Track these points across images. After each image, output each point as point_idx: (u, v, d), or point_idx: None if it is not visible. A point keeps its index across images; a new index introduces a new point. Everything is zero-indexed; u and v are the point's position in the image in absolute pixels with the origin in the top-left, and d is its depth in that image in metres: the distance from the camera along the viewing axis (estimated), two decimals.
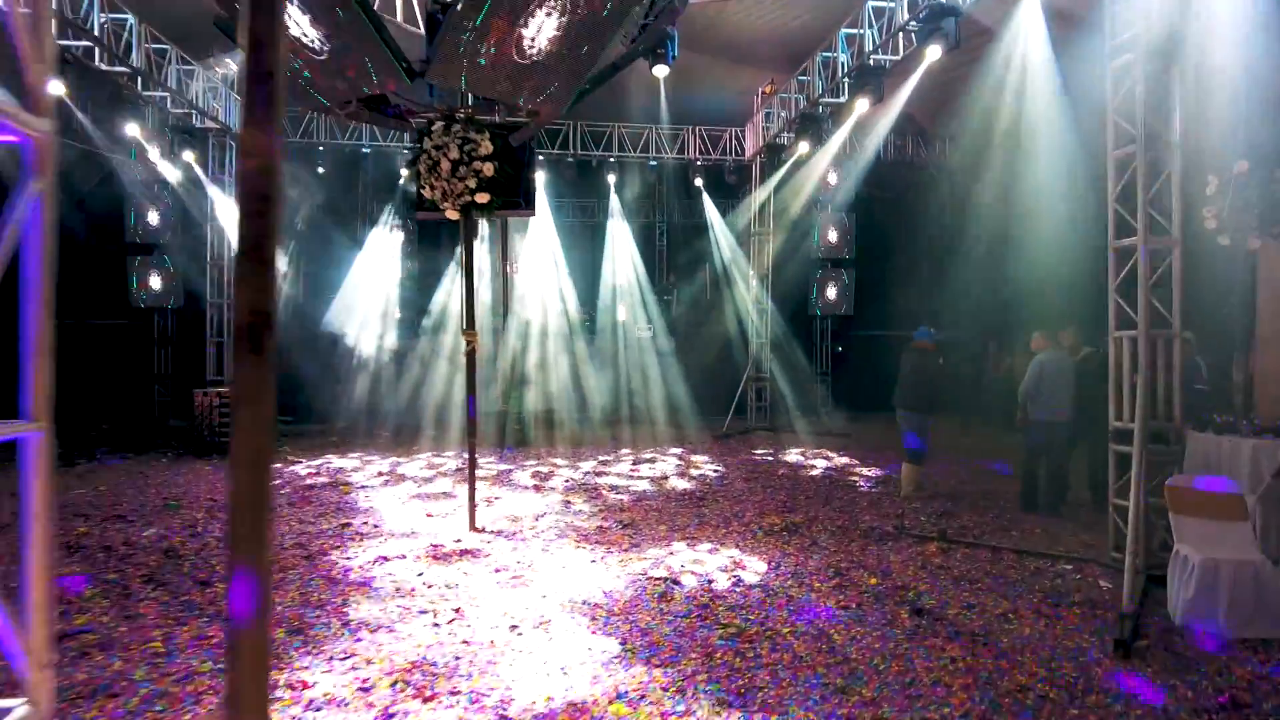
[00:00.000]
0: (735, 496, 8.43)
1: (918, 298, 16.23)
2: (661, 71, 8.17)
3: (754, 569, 5.75)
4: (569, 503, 8.10)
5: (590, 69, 4.67)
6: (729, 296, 16.13)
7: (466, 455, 7.21)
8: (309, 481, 9.26)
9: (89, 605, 4.87)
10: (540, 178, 15.51)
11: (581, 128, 15.02)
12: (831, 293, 15.65)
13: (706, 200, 16.36)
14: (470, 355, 6.99)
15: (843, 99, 11.56)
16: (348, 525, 7.08)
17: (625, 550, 6.24)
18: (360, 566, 5.76)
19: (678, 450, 11.74)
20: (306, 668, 3.95)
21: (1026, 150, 11.40)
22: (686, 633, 4.48)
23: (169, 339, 14.48)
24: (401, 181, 15.10)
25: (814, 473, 9.96)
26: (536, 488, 8.94)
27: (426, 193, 6.79)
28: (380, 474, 9.81)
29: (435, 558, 6.01)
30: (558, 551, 6.21)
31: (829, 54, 11.21)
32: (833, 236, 15.56)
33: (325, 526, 7.04)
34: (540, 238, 16.59)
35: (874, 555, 6.20)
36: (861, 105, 10.09)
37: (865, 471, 9.99)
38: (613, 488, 8.93)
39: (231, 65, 12.13)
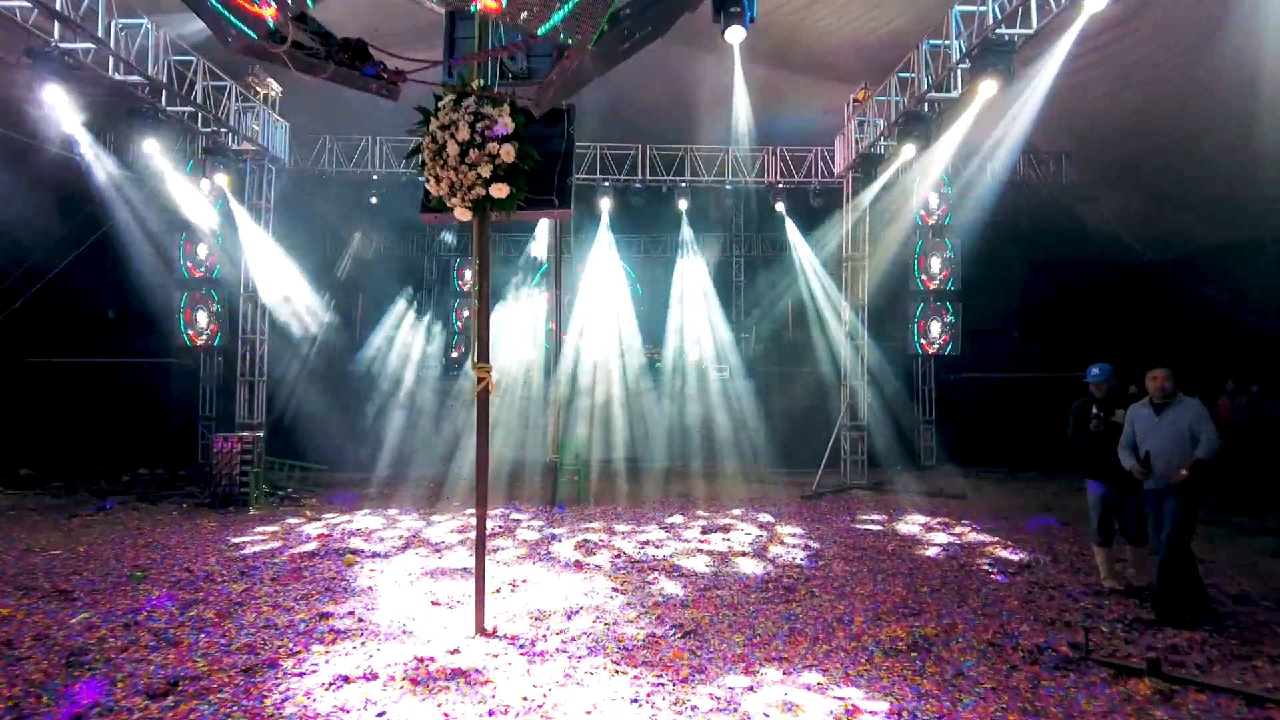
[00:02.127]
0: (836, 587, 6.38)
1: (1040, 336, 13.97)
2: (736, 35, 6.41)
3: None
4: (616, 591, 6.26)
5: None
6: (817, 333, 14.11)
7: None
8: (312, 547, 7.74)
9: None
10: (605, 205, 14.12)
11: (650, 151, 13.57)
12: (934, 328, 13.50)
13: (790, 226, 14.54)
14: (482, 395, 5.32)
15: (955, 93, 9.68)
16: (327, 616, 5.46)
17: (683, 680, 4.32)
18: (307, 693, 4.08)
19: (759, 514, 9.70)
20: None
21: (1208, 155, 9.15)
22: None
23: (215, 378, 13.55)
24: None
25: (933, 551, 7.79)
26: (578, 564, 7.12)
27: (432, 188, 5.25)
28: (402, 538, 8.22)
29: (415, 681, 4.26)
30: (587, 678, 4.36)
31: (938, 41, 9.42)
32: (935, 265, 13.50)
33: (300, 617, 5.44)
34: (604, 270, 15.09)
35: (1054, 699, 4.14)
36: (987, 89, 8.09)
37: (1001, 552, 7.71)
38: (675, 569, 7.00)
39: (274, 85, 11.20)
